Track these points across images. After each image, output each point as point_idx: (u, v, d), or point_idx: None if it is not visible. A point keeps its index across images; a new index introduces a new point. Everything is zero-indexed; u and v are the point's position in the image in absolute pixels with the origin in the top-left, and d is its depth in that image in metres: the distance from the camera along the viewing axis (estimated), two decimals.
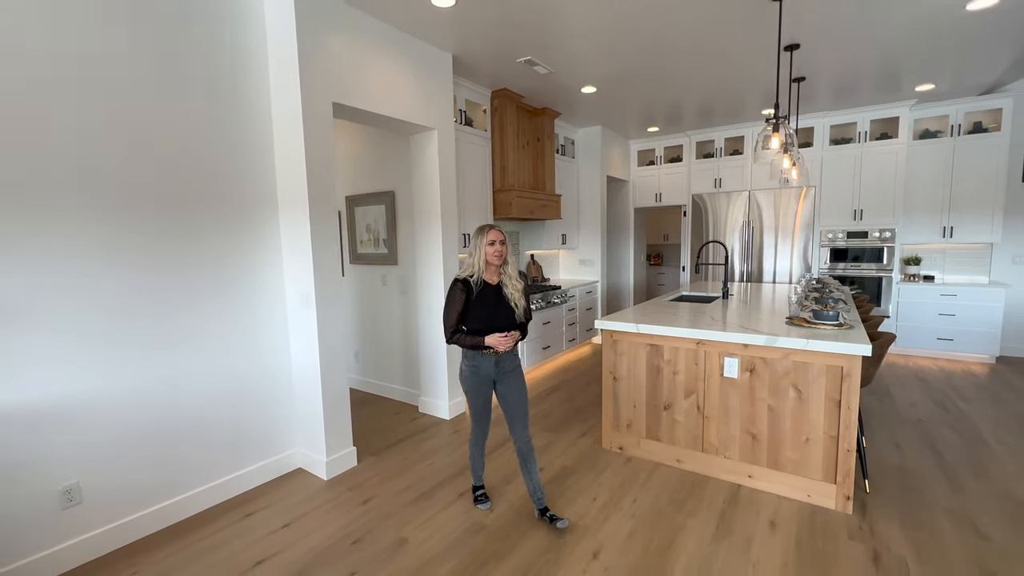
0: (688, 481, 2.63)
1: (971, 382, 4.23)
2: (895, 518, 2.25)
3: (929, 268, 5.30)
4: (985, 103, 4.76)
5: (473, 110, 4.19)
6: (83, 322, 2.02)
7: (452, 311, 2.15)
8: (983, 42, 3.51)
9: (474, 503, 2.45)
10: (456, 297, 2.16)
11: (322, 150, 2.64)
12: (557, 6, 2.82)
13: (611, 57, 3.62)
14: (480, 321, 2.16)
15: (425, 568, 1.99)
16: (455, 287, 2.18)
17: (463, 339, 2.16)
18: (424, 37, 3.20)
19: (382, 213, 3.90)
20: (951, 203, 4.96)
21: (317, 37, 2.58)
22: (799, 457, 2.42)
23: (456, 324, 2.16)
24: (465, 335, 2.16)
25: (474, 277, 2.18)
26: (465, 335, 2.16)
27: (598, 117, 5.36)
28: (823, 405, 2.33)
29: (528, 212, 4.58)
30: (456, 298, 2.15)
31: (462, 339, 2.17)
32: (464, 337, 2.16)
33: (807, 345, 2.30)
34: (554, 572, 1.94)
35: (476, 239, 2.19)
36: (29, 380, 1.89)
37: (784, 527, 2.20)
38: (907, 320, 5.09)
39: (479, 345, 2.14)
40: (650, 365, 2.83)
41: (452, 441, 3.23)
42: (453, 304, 2.15)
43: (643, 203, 6.64)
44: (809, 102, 4.91)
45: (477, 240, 2.18)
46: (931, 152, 5.00)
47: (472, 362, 2.22)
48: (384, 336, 4.09)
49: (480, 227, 2.20)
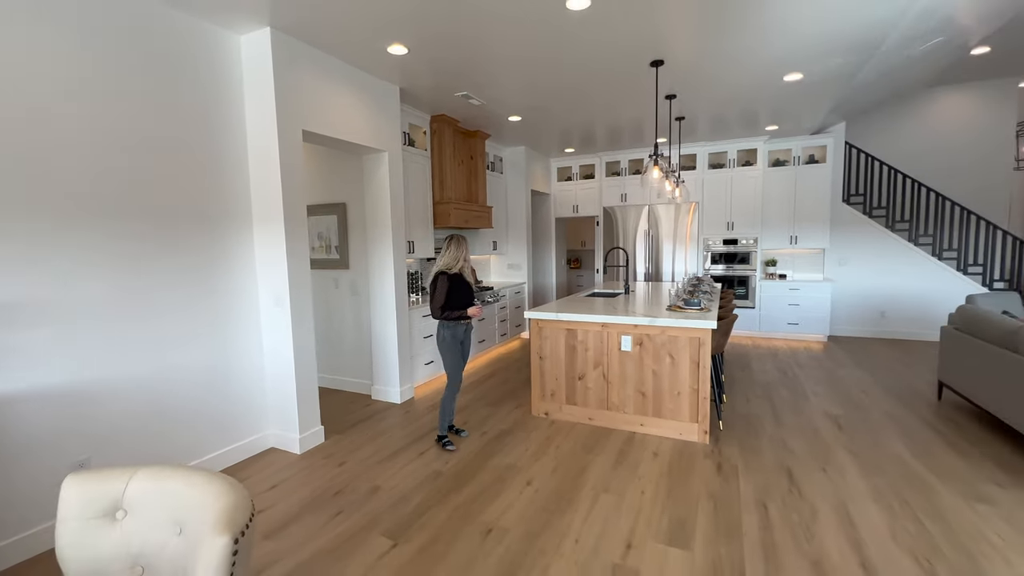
0: (597, 432, 3.42)
1: (808, 355, 5.52)
2: (735, 444, 3.18)
3: (782, 268, 6.69)
4: (816, 141, 6.19)
5: (415, 132, 4.76)
6: (92, 321, 2.35)
7: (442, 295, 3.05)
8: (803, 99, 4.74)
9: (443, 447, 3.16)
10: (445, 286, 3.06)
11: (294, 171, 3.10)
12: (488, 57, 3.51)
13: (533, 95, 4.39)
14: (460, 299, 3.12)
15: (398, 503, 2.55)
16: (444, 278, 3.07)
17: (451, 313, 3.07)
18: (378, 74, 3.74)
19: (334, 222, 4.35)
20: (795, 217, 6.34)
21: (291, 75, 3.05)
22: (674, 406, 3.29)
23: (445, 304, 3.04)
24: (452, 311, 3.07)
25: (453, 271, 3.02)
26: (452, 311, 3.07)
27: (523, 139, 6.14)
28: (688, 366, 3.22)
29: (464, 221, 5.22)
30: (445, 286, 3.06)
31: (450, 314, 3.07)
32: (451, 312, 3.07)
33: (676, 323, 3.18)
34: (499, 492, 2.61)
35: (455, 244, 3.05)
36: (54, 368, 2.20)
37: (662, 455, 3.04)
38: (767, 309, 6.40)
39: (463, 316, 3.10)
40: (567, 345, 3.60)
41: (405, 419, 3.78)
42: (443, 290, 3.00)
43: (563, 214, 7.54)
44: (691, 134, 6.05)
45: (456, 245, 3.04)
46: (780, 177, 6.37)
47: (453, 330, 3.14)
48: (336, 334, 4.51)
49: (456, 236, 3.17)
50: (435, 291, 3.07)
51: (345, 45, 3.21)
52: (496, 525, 2.34)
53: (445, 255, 3.14)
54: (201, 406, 2.86)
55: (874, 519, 2.32)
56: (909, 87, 5.73)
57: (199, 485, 0.96)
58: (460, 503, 2.54)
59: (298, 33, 3.02)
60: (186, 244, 2.75)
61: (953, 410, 3.72)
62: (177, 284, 2.72)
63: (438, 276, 3.10)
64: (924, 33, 3.56)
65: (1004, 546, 2.10)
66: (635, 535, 2.24)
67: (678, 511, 2.43)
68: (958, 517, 2.32)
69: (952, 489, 2.57)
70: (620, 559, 2.07)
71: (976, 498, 2.48)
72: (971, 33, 3.95)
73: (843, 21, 3.06)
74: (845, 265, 6.44)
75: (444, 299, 3.06)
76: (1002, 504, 2.42)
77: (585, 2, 2.72)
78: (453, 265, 3.13)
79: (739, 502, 2.49)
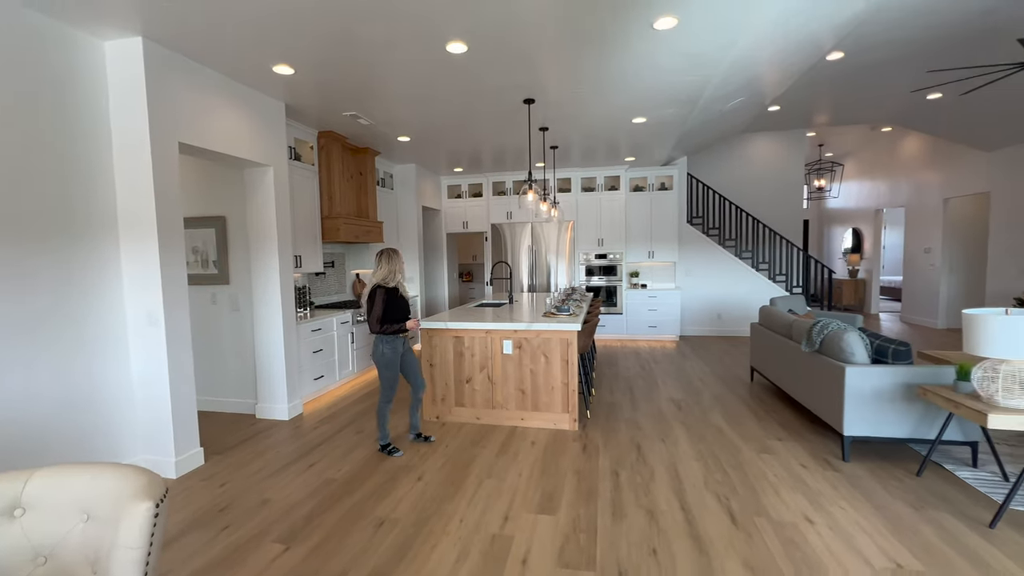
0: (484, 429, 3.76)
1: (663, 353, 6.50)
2: (599, 428, 3.75)
3: (644, 279, 7.76)
4: (665, 171, 7.35)
5: (301, 146, 4.77)
6: None
7: (380, 308, 3.14)
8: (651, 137, 5.67)
9: (388, 454, 3.30)
10: (384, 299, 3.15)
11: (169, 184, 3.02)
12: (377, 85, 3.74)
13: (422, 120, 4.69)
14: (398, 313, 3.23)
15: (289, 511, 2.63)
16: (382, 292, 3.15)
17: (389, 327, 3.17)
18: (264, 90, 3.76)
19: (212, 236, 4.18)
20: (652, 235, 7.43)
21: (167, 86, 2.98)
22: (549, 400, 3.77)
23: (383, 317, 3.14)
24: (389, 324, 3.18)
25: (391, 285, 3.12)
26: (389, 324, 3.18)
27: (413, 157, 6.39)
28: (559, 364, 3.72)
29: (354, 236, 5.29)
30: (383, 300, 3.15)
31: (388, 327, 3.17)
32: (389, 326, 3.17)
33: (549, 327, 3.67)
34: (391, 490, 2.81)
35: (392, 259, 3.17)
36: None
37: (539, 443, 3.48)
38: (631, 315, 7.37)
39: (402, 329, 3.22)
40: (456, 352, 3.91)
41: (295, 434, 3.76)
42: (382, 304, 3.14)
43: (453, 229, 7.89)
44: (565, 160, 6.81)
45: (392, 260, 3.16)
46: (640, 201, 7.42)
47: (392, 345, 3.22)
48: (214, 352, 4.30)
49: (392, 250, 3.25)
50: (373, 305, 3.13)
51: (227, 62, 3.22)
52: (388, 518, 2.54)
53: (380, 269, 3.20)
54: (51, 435, 2.63)
55: (694, 473, 2.97)
56: (729, 132, 7.11)
57: (107, 474, 1.07)
58: (353, 503, 2.69)
59: (175, 46, 2.98)
60: (32, 259, 2.55)
61: (760, 388, 4.74)
62: (18, 300, 2.51)
63: (376, 290, 3.15)
64: (728, 94, 4.58)
65: (778, 483, 2.84)
66: (512, 509, 2.60)
67: (548, 486, 2.85)
68: (750, 465, 3.06)
69: (749, 446, 3.36)
70: (498, 530, 2.41)
71: (763, 451, 3.28)
72: (764, 95, 5.13)
73: (669, 82, 3.86)
74: (691, 276, 7.68)
75: (382, 312, 3.14)
76: (780, 453, 3.24)
77: (463, 47, 3.11)
78: (390, 279, 3.20)
79: (598, 473, 3.00)
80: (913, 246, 8.52)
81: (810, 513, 2.50)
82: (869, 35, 3.88)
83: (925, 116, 6.39)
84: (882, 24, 3.69)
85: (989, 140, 6.71)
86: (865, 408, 3.02)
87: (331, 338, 4.82)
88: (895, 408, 2.99)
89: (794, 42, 3.60)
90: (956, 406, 2.52)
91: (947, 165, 7.68)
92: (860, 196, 10.15)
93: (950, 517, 2.43)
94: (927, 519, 2.42)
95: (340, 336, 4.96)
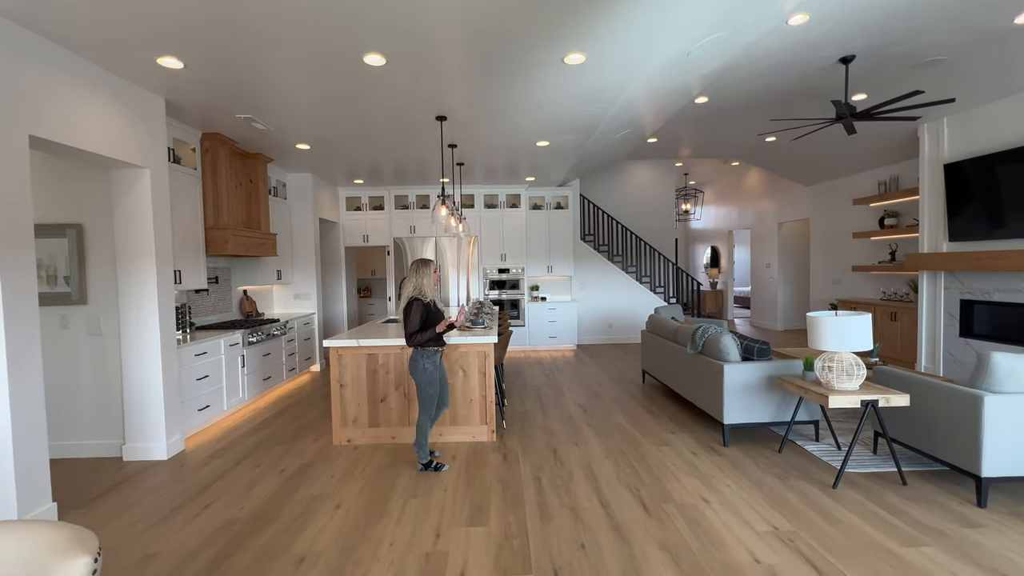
0: (401, 449, 3.66)
1: (564, 361, 6.89)
2: (516, 437, 3.87)
3: (544, 292, 8.16)
4: (561, 192, 7.87)
5: (181, 148, 4.24)
6: None
7: (419, 320, 3.05)
8: (552, 159, 6.07)
9: (435, 471, 3.22)
10: (422, 312, 3.07)
11: (18, 184, 2.51)
12: (280, 88, 3.52)
13: (326, 128, 4.47)
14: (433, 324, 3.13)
15: (187, 562, 2.30)
16: (420, 305, 3.08)
17: (428, 341, 3.08)
18: (141, 83, 3.30)
19: (64, 247, 3.51)
20: (550, 251, 7.87)
21: (13, 69, 2.49)
22: (467, 413, 3.80)
23: (420, 328, 3.06)
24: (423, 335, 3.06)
25: (428, 298, 3.13)
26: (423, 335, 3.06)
27: (310, 166, 6.02)
28: (477, 377, 3.78)
29: (244, 249, 4.81)
30: (422, 312, 3.06)
31: (427, 341, 3.08)
32: (425, 334, 3.06)
33: (467, 340, 3.71)
34: (308, 522, 2.61)
35: (424, 271, 3.15)
36: None
37: (460, 456, 3.49)
38: (533, 326, 7.70)
39: (441, 343, 3.16)
40: (369, 370, 3.76)
41: (179, 474, 3.29)
42: (418, 317, 3.05)
43: (353, 243, 7.55)
44: (470, 177, 6.96)
45: (424, 272, 3.15)
46: (538, 218, 7.83)
47: (432, 359, 3.15)
48: (63, 386, 3.58)
49: (421, 260, 3.19)
50: (408, 319, 3.07)
51: (100, 48, 2.79)
52: (309, 552, 2.36)
53: (413, 280, 3.15)
54: None
55: (607, 471, 3.22)
56: (616, 158, 7.88)
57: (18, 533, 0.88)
58: (264, 542, 2.45)
59: (28, 23, 2.51)
60: None
61: (651, 389, 5.27)
62: None
63: (412, 302, 3.08)
64: (619, 125, 5.11)
65: (676, 471, 3.21)
66: (442, 525, 2.58)
67: (475, 498, 2.88)
68: (651, 457, 3.41)
69: (649, 440, 3.74)
70: (431, 547, 2.38)
71: (661, 443, 3.67)
72: (646, 128, 5.81)
73: (572, 111, 4.21)
74: (585, 289, 8.27)
75: (419, 324, 3.05)
76: (674, 444, 3.65)
77: (381, 60, 3.08)
78: (427, 291, 3.15)
79: (521, 480, 3.10)
80: (757, 261, 10.16)
81: (705, 493, 2.87)
82: (730, 85, 4.65)
83: (764, 155, 7.76)
84: (737, 77, 4.45)
85: (808, 176, 8.34)
86: (739, 399, 3.56)
87: (218, 362, 4.31)
88: (761, 397, 3.57)
89: (671, 87, 4.18)
90: (805, 391, 3.10)
91: (780, 195, 9.35)
92: (717, 218, 11.86)
93: (805, 483, 2.98)
94: (790, 487, 2.93)
95: (229, 360, 4.45)
